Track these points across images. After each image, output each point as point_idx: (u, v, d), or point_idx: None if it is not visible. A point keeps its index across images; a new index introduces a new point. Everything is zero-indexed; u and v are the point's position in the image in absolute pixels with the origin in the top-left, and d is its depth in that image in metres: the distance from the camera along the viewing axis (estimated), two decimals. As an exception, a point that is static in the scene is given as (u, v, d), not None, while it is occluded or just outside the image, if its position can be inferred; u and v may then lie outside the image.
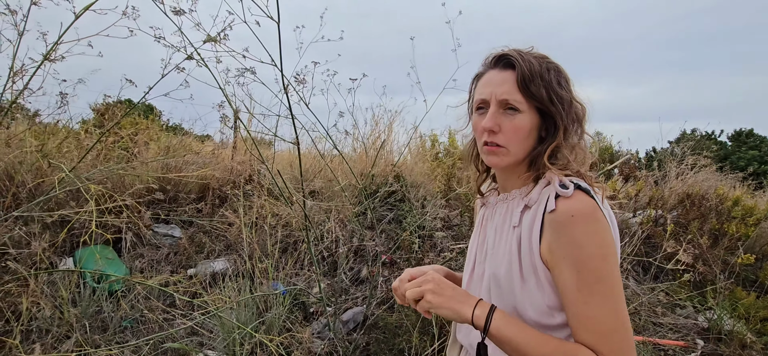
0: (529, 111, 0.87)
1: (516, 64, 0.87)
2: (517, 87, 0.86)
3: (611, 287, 0.78)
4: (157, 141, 4.17)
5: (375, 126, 4.50)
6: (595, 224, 0.79)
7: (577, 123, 0.90)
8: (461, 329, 1.05)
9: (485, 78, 0.93)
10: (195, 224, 3.43)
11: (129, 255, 3.02)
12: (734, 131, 17.26)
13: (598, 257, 0.78)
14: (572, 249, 0.79)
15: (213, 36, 2.17)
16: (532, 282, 0.86)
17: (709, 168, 5.79)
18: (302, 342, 2.31)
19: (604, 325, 0.78)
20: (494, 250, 0.95)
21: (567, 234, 0.80)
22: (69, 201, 2.71)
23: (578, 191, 0.82)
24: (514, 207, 0.93)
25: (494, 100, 0.89)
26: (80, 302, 2.41)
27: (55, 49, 2.39)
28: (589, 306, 0.78)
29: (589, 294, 0.78)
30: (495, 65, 0.92)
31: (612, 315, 0.78)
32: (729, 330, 3.17)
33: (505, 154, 0.90)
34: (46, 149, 3.14)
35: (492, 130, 0.89)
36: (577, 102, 0.90)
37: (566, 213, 0.80)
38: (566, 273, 0.80)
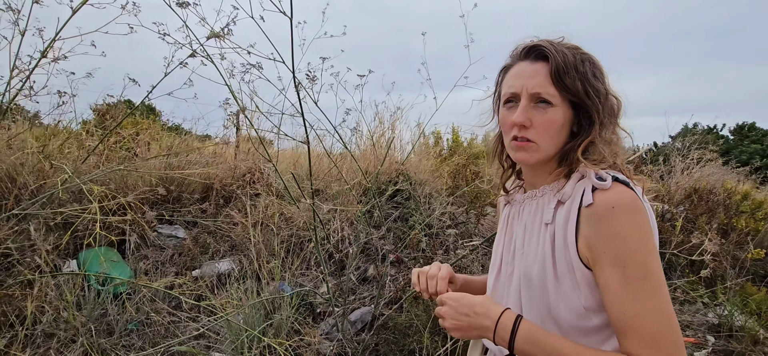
0: (561, 105, 0.83)
1: (549, 56, 0.82)
2: (550, 79, 0.82)
3: (659, 284, 0.74)
4: (159, 141, 4.13)
5: (379, 124, 4.46)
6: (638, 215, 0.75)
7: (612, 117, 0.86)
8: None
9: (514, 70, 0.88)
10: (199, 224, 3.39)
11: (133, 257, 2.99)
12: (736, 125, 17.22)
13: (644, 252, 0.74)
14: (615, 243, 0.74)
15: (217, 31, 2.13)
16: (567, 283, 0.82)
17: (715, 162, 5.75)
18: (311, 344, 2.27)
19: (654, 326, 0.73)
20: (524, 249, 0.91)
21: (608, 227, 0.75)
22: (72, 203, 2.67)
23: (616, 182, 0.78)
24: (545, 204, 0.88)
25: (525, 93, 0.84)
26: (85, 305, 2.37)
27: (51, 47, 2.34)
28: (637, 304, 0.73)
29: (635, 291, 0.73)
30: (525, 57, 0.87)
31: (661, 314, 0.73)
32: (740, 325, 3.13)
33: (536, 150, 0.85)
34: (47, 150, 3.10)
35: (523, 124, 0.84)
36: (613, 95, 0.86)
37: (606, 205, 0.76)
38: (609, 269, 0.75)
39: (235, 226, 3.23)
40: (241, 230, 3.15)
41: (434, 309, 1.12)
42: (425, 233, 3.36)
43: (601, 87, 0.84)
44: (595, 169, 0.81)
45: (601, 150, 0.84)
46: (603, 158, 0.84)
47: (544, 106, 0.83)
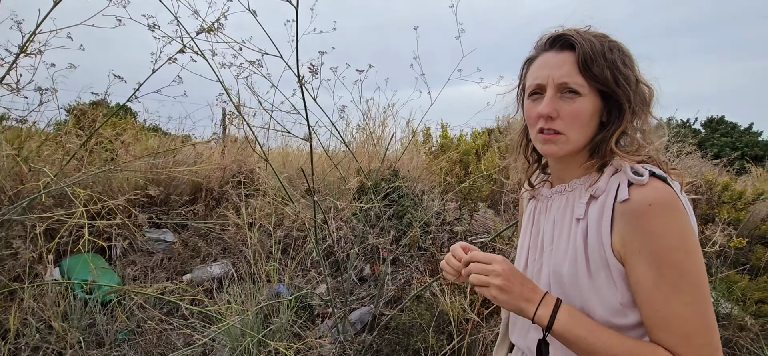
0: (590, 94, 0.80)
1: (576, 44, 0.80)
2: (577, 68, 0.80)
3: (695, 284, 0.72)
4: (142, 142, 3.97)
5: (370, 121, 4.41)
6: (675, 214, 0.72)
7: (643, 105, 0.83)
8: (515, 329, 0.99)
9: (540, 61, 0.85)
10: (189, 227, 3.27)
11: (120, 263, 2.85)
12: (707, 119, 17.90)
13: (681, 251, 0.71)
14: (650, 242, 0.72)
15: (209, 25, 2.04)
16: (601, 278, 0.79)
17: (694, 155, 5.94)
18: (312, 347, 2.21)
19: (688, 326, 0.71)
20: (554, 246, 0.89)
21: (643, 225, 0.73)
22: (55, 208, 2.53)
23: (653, 178, 0.75)
24: (576, 198, 0.86)
25: (552, 83, 0.82)
26: (72, 315, 2.25)
27: (31, 40, 2.20)
28: (670, 305, 0.72)
29: (670, 291, 0.71)
30: (551, 47, 0.85)
31: (696, 315, 0.71)
32: (726, 313, 3.23)
33: (565, 141, 0.83)
34: (23, 153, 2.92)
35: (550, 116, 0.82)
36: (644, 83, 0.83)
37: (642, 202, 0.73)
38: (642, 267, 0.73)
39: (227, 228, 3.13)
40: (233, 231, 3.05)
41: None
42: (424, 231, 3.34)
43: (631, 74, 0.81)
44: (630, 161, 0.79)
45: (634, 140, 0.82)
46: (638, 149, 0.82)
47: (572, 96, 0.81)
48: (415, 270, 3.03)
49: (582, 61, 0.79)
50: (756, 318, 3.21)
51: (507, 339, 1.05)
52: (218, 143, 4.22)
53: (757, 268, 3.86)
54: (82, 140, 2.67)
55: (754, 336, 3.04)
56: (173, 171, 3.14)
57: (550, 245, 0.90)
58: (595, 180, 0.83)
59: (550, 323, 0.78)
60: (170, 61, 2.18)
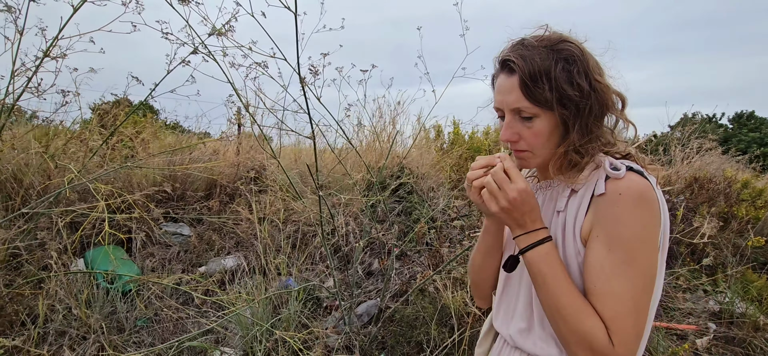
0: (544, 113, 0.82)
1: (515, 70, 0.81)
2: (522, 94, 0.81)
3: (640, 273, 0.75)
4: (161, 139, 4.13)
5: (380, 118, 4.46)
6: (643, 205, 0.76)
7: (599, 111, 0.83)
8: (498, 316, 1.03)
9: (497, 83, 0.89)
10: (204, 221, 3.40)
11: (140, 254, 3.00)
12: (735, 114, 17.25)
13: (636, 239, 0.75)
14: (610, 225, 0.76)
15: (219, 28, 2.13)
16: (574, 268, 0.84)
17: (715, 151, 5.77)
18: (319, 337, 2.29)
19: (620, 306, 0.75)
20: None
21: (610, 211, 0.77)
22: (78, 202, 2.68)
23: (630, 172, 0.79)
24: (558, 193, 0.90)
25: (507, 109, 0.85)
26: (95, 303, 2.39)
27: (55, 45, 2.34)
28: (608, 284, 0.76)
29: (613, 271, 0.75)
30: (502, 69, 0.87)
31: (631, 299, 0.75)
32: (741, 312, 3.16)
33: (532, 157, 0.87)
34: (50, 150, 3.10)
35: (511, 140, 0.86)
36: (600, 85, 0.82)
37: (614, 192, 0.77)
38: (596, 245, 0.78)
39: (240, 222, 3.25)
40: (246, 226, 3.17)
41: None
42: (430, 227, 3.38)
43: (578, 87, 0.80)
44: (609, 157, 0.83)
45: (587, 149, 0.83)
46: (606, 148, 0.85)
47: (527, 119, 0.84)
48: (420, 264, 3.08)
49: (523, 86, 0.81)
50: (772, 318, 3.14)
51: (492, 329, 1.09)
52: (232, 140, 4.36)
53: (775, 267, 3.75)
54: (103, 137, 2.81)
55: (770, 337, 2.98)
56: (189, 168, 3.28)
57: None
58: (574, 175, 0.87)
59: (525, 249, 0.82)
60: (183, 63, 2.29)
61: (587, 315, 0.76)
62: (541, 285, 0.80)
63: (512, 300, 0.98)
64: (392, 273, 3.02)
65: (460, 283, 2.36)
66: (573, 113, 0.81)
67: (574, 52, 0.81)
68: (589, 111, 0.81)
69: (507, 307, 1.00)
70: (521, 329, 0.93)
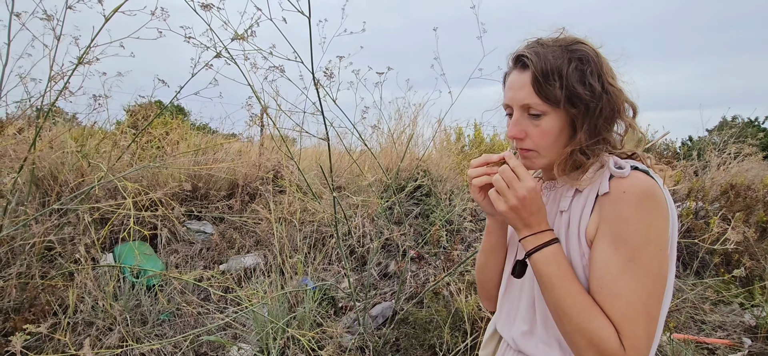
0: (553, 111, 0.81)
1: (529, 65, 0.81)
2: (534, 90, 0.81)
3: (647, 272, 0.73)
4: (188, 140, 4.29)
5: (399, 120, 4.47)
6: (648, 203, 0.74)
7: (610, 114, 0.82)
8: (501, 318, 1.02)
9: (509, 80, 0.88)
10: (226, 220, 3.50)
11: (164, 251, 3.12)
12: (779, 117, 16.21)
13: (642, 237, 0.73)
14: (615, 224, 0.75)
15: (241, 34, 2.19)
16: (579, 268, 0.82)
17: (755, 157, 5.47)
18: (333, 336, 2.32)
19: (628, 308, 0.72)
20: None
21: (614, 210, 0.75)
22: (107, 199, 2.82)
23: (635, 171, 0.77)
24: (562, 193, 0.89)
25: (516, 105, 0.84)
26: (121, 296, 2.51)
27: (88, 52, 2.47)
28: (615, 284, 0.73)
29: (619, 271, 0.73)
30: (515, 66, 0.87)
31: (639, 300, 0.72)
32: (783, 326, 2.98)
33: (537, 157, 0.86)
34: (85, 150, 3.27)
35: (518, 137, 0.85)
36: (613, 88, 0.81)
37: (619, 190, 0.76)
38: (602, 245, 0.76)
39: (260, 222, 3.32)
40: (265, 225, 3.24)
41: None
42: (446, 230, 3.36)
43: (590, 87, 0.79)
44: (613, 157, 0.81)
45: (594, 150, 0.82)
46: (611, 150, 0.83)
47: (536, 116, 0.83)
48: (437, 268, 3.06)
49: (535, 83, 0.80)
50: (814, 334, 2.93)
51: (496, 333, 1.08)
52: (256, 141, 4.47)
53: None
54: (132, 138, 2.95)
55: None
56: (212, 168, 3.38)
57: None
58: (579, 175, 0.85)
59: (532, 251, 0.80)
60: (207, 67, 2.37)
61: (594, 314, 0.74)
62: (548, 286, 0.78)
63: (515, 301, 0.97)
64: (407, 275, 3.02)
65: (473, 287, 2.33)
66: (582, 113, 0.80)
67: (589, 54, 0.81)
68: (600, 113, 0.80)
69: (509, 309, 0.99)
70: (523, 332, 0.92)
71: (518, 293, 0.96)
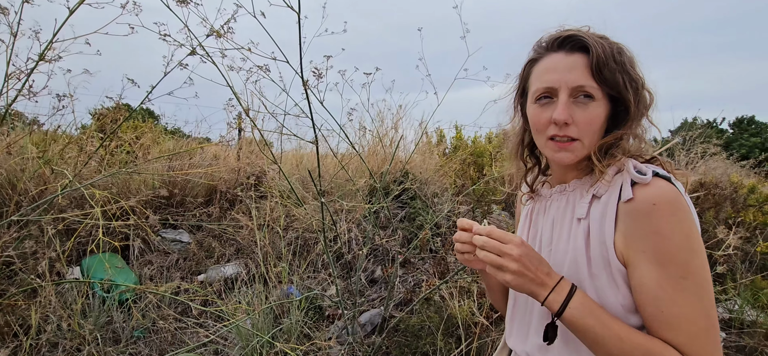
0: (602, 99, 0.79)
1: (590, 47, 0.77)
2: (590, 72, 0.77)
3: (700, 284, 0.70)
4: (161, 144, 4.08)
5: (381, 123, 4.41)
6: (680, 214, 0.71)
7: (646, 109, 0.82)
8: (512, 334, 0.97)
9: (546, 63, 0.83)
10: (204, 228, 3.34)
11: (137, 263, 2.93)
12: (736, 119, 17.23)
13: (686, 250, 0.70)
14: (655, 241, 0.71)
15: (217, 29, 2.08)
16: (603, 279, 0.78)
17: (719, 156, 5.73)
18: (322, 348, 2.22)
19: (694, 326, 0.69)
20: (553, 246, 0.87)
21: (649, 225, 0.71)
22: (73, 208, 2.62)
23: (656, 177, 0.74)
24: (577, 198, 0.85)
25: (565, 88, 0.79)
26: (90, 313, 2.32)
27: (50, 48, 2.28)
28: (676, 304, 0.70)
29: (675, 291, 0.70)
30: (559, 48, 0.82)
31: (702, 315, 0.70)
32: (752, 320, 3.10)
33: (580, 148, 0.81)
34: (47, 155, 3.04)
35: (565, 122, 0.79)
36: (647, 87, 0.82)
37: (647, 202, 0.72)
38: (646, 267, 0.72)
39: (240, 229, 3.18)
40: (247, 233, 3.10)
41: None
42: (434, 233, 3.32)
43: (638, 78, 0.80)
44: (634, 161, 0.78)
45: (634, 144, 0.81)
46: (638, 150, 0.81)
47: (586, 101, 0.79)
48: (425, 272, 3.01)
49: (596, 64, 0.77)
50: (784, 326, 3.07)
51: (506, 346, 1.03)
52: (233, 145, 4.30)
53: (785, 274, 3.68)
54: (99, 143, 2.76)
55: (782, 346, 2.91)
56: (188, 173, 3.22)
57: (548, 246, 0.89)
58: (597, 180, 0.81)
59: (561, 309, 0.75)
60: (181, 66, 2.23)
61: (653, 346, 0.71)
62: (594, 341, 0.74)
63: (526, 315, 0.93)
64: (396, 280, 2.95)
65: (466, 292, 2.29)
66: (633, 103, 0.78)
67: (627, 48, 0.81)
68: (645, 102, 0.81)
69: (520, 323, 0.94)
70: (539, 345, 0.87)
71: (530, 306, 0.92)
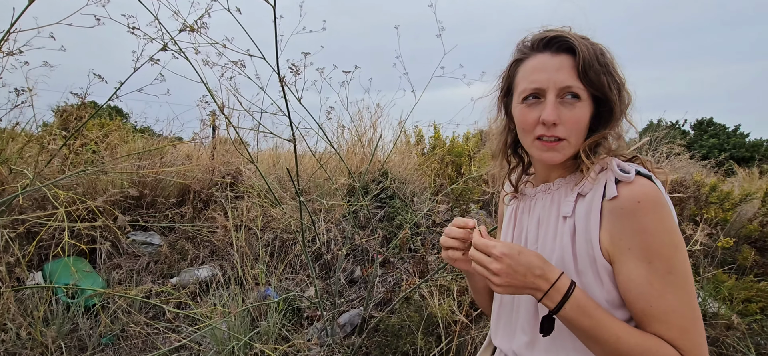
0: (587, 99, 0.80)
1: (576, 48, 0.78)
2: (576, 73, 0.79)
3: (684, 278, 0.73)
4: (130, 143, 3.91)
5: (360, 122, 4.38)
6: (663, 210, 0.73)
7: (626, 109, 0.84)
8: (498, 333, 0.97)
9: (534, 63, 0.83)
10: (176, 230, 3.22)
11: (105, 266, 2.80)
12: (696, 121, 18.12)
13: (670, 246, 0.73)
14: (641, 238, 0.73)
15: (191, 24, 2.00)
16: (589, 276, 0.79)
17: (683, 156, 6.01)
18: (301, 350, 2.18)
19: (683, 320, 0.72)
20: (539, 244, 0.88)
21: (634, 222, 0.73)
22: (34, 209, 2.47)
23: (639, 176, 0.76)
24: (562, 197, 0.86)
25: (553, 88, 0.80)
26: (54, 320, 2.20)
27: (6, 39, 2.14)
28: (664, 300, 0.73)
29: (663, 286, 0.72)
30: (545, 48, 0.83)
31: (689, 308, 0.73)
32: (714, 312, 3.25)
33: (567, 147, 0.82)
34: (5, 154, 2.86)
35: (554, 122, 0.80)
36: (626, 88, 0.84)
37: (631, 199, 0.74)
38: (633, 263, 0.74)
39: (215, 231, 3.09)
40: (222, 234, 3.01)
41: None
42: (414, 233, 3.32)
43: (620, 79, 0.82)
44: (617, 160, 0.80)
45: (613, 143, 0.83)
46: (618, 150, 0.83)
47: (573, 101, 0.80)
48: (404, 271, 3.01)
49: (582, 65, 0.78)
50: (742, 316, 3.24)
51: (491, 346, 1.03)
52: (207, 144, 4.18)
53: (743, 267, 3.90)
54: (63, 141, 2.62)
55: (741, 335, 3.06)
56: (160, 173, 3.10)
57: (534, 244, 0.90)
58: (580, 178, 0.83)
59: (557, 308, 0.75)
60: (152, 61, 2.14)
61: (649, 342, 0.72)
62: (592, 339, 0.75)
63: (512, 313, 0.93)
64: (376, 280, 2.94)
65: (446, 290, 2.30)
66: (617, 102, 0.81)
67: (607, 49, 0.82)
68: (624, 105, 0.82)
69: (507, 321, 0.95)
70: (525, 343, 0.88)
71: (516, 304, 0.92)
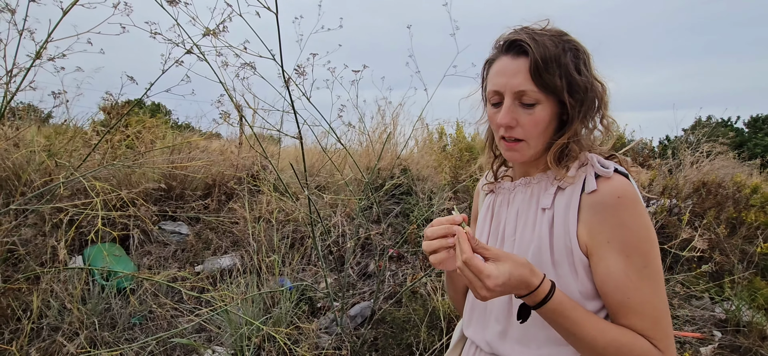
0: (547, 101, 0.81)
1: (529, 51, 0.80)
2: (531, 77, 0.80)
3: (658, 271, 0.76)
4: (163, 139, 4.18)
5: (381, 119, 4.45)
6: (640, 207, 0.76)
7: (597, 106, 0.84)
8: (471, 325, 1.00)
9: (497, 66, 0.86)
10: (202, 220, 3.43)
11: (137, 253, 3.04)
12: (751, 117, 16.82)
13: (647, 241, 0.76)
14: (620, 232, 0.75)
15: (212, 29, 2.14)
16: (564, 268, 0.81)
17: (726, 155, 5.64)
18: (309, 336, 2.29)
19: (656, 311, 0.75)
20: (517, 236, 0.90)
21: (614, 217, 0.76)
22: (75, 199, 2.73)
23: (616, 173, 0.79)
24: (541, 190, 0.88)
25: (509, 92, 0.82)
26: (90, 299, 2.43)
27: (45, 47, 2.37)
28: (640, 292, 0.75)
29: (639, 279, 0.75)
30: (507, 51, 0.85)
31: (661, 300, 0.76)
32: (747, 321, 3.07)
33: (526, 148, 0.85)
34: (53, 148, 3.16)
35: (509, 125, 0.83)
36: (598, 82, 0.84)
37: (612, 194, 0.77)
38: (612, 256, 0.76)
39: (237, 222, 3.27)
40: (242, 225, 3.18)
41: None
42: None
43: (583, 79, 0.81)
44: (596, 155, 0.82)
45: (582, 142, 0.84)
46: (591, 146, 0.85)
47: (529, 104, 0.82)
48: (415, 266, 3.06)
49: (534, 69, 0.79)
50: (779, 327, 3.04)
51: (463, 337, 1.06)
52: (233, 140, 4.39)
53: (784, 275, 3.64)
54: (101, 136, 2.86)
55: (777, 347, 2.88)
56: (188, 167, 3.31)
57: (512, 236, 0.91)
58: (561, 172, 0.85)
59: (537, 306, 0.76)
60: (177, 63, 2.31)
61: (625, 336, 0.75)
62: (570, 335, 0.77)
63: (486, 304, 0.96)
64: (387, 274, 3.01)
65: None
66: (579, 103, 0.81)
67: (578, 45, 0.83)
68: (591, 103, 0.82)
69: (481, 312, 0.97)
70: (498, 332, 0.90)
71: None
